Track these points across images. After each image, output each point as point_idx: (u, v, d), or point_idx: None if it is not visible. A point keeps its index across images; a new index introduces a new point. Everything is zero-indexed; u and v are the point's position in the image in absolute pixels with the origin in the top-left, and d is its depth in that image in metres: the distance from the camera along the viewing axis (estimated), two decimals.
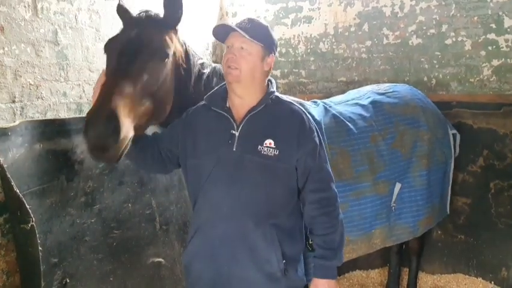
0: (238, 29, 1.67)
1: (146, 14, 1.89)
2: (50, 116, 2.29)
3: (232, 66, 1.68)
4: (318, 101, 2.65)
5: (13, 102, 2.10)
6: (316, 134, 1.77)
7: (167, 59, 1.80)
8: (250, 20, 1.73)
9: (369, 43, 3.64)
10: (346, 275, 3.55)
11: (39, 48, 2.22)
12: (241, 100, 1.75)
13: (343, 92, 3.20)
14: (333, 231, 1.74)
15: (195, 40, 3.60)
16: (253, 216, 1.67)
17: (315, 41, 3.83)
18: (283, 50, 3.95)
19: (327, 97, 2.92)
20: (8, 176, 1.84)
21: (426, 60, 3.46)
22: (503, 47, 3.19)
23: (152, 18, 1.87)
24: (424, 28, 3.44)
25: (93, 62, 2.56)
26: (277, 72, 3.98)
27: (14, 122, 2.01)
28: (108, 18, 2.64)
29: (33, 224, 1.87)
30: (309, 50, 3.87)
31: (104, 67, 1.77)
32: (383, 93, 2.80)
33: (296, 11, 3.87)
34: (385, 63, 3.60)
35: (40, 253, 1.92)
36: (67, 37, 2.39)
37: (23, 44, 2.14)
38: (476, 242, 3.28)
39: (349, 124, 2.51)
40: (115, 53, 1.73)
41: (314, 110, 2.48)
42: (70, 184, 2.17)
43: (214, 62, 2.45)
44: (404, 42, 3.52)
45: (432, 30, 3.41)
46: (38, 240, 1.90)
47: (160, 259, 2.70)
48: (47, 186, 2.06)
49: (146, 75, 1.71)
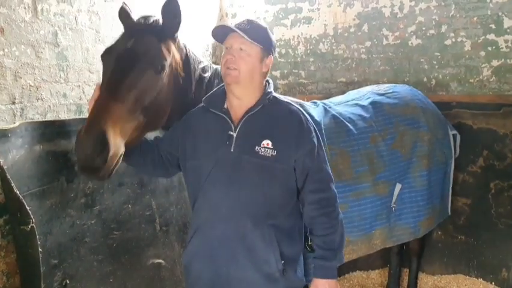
0: (237, 30, 1.67)
1: (145, 21, 1.86)
2: (50, 117, 2.29)
3: (231, 67, 1.68)
4: (318, 102, 2.65)
5: (13, 103, 2.10)
6: (314, 134, 1.76)
7: (164, 72, 1.77)
8: (249, 21, 1.73)
9: (368, 44, 3.64)
10: (346, 275, 3.55)
11: (39, 50, 2.23)
12: (239, 101, 1.75)
13: (343, 92, 3.20)
14: (333, 232, 1.74)
15: (194, 41, 3.60)
16: (252, 216, 1.67)
17: (314, 41, 3.83)
18: (283, 51, 3.95)
19: (327, 98, 2.92)
20: (8, 177, 1.83)
21: (426, 61, 3.46)
22: (502, 48, 3.19)
23: (150, 27, 1.83)
24: (424, 29, 3.44)
25: (93, 64, 2.56)
26: (277, 73, 3.98)
27: (14, 123, 2.01)
28: (108, 20, 2.65)
29: (33, 225, 1.86)
30: (309, 51, 3.87)
31: (99, 81, 1.77)
32: (382, 94, 2.80)
33: (296, 11, 3.87)
34: (385, 63, 3.60)
35: (40, 254, 1.91)
36: (66, 38, 2.39)
37: (23, 46, 2.14)
38: (476, 243, 3.28)
39: (349, 125, 2.51)
40: (110, 67, 1.72)
41: (314, 110, 2.48)
42: (70, 185, 2.17)
43: (214, 63, 2.45)
44: (403, 43, 3.52)
45: (431, 31, 3.42)
46: (38, 242, 1.90)
47: (160, 260, 2.70)
48: (47, 187, 2.06)
49: (139, 91, 1.69)
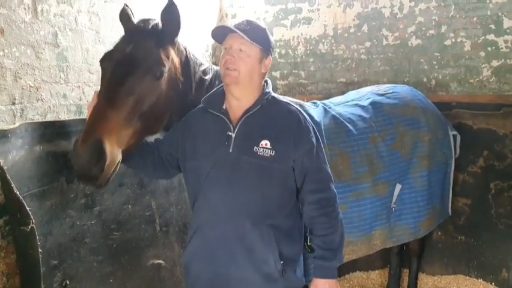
0: (237, 31, 1.67)
1: (145, 25, 1.84)
2: (50, 118, 2.29)
3: (231, 68, 1.68)
4: (318, 102, 2.65)
5: (13, 104, 2.10)
6: (313, 134, 1.76)
7: (162, 78, 1.76)
8: (248, 21, 1.73)
9: (368, 44, 3.64)
10: (346, 276, 3.55)
11: (39, 50, 2.23)
12: (238, 102, 1.75)
13: (343, 93, 3.20)
14: (333, 232, 1.74)
15: (194, 42, 3.60)
16: (250, 216, 1.67)
17: (314, 42, 3.83)
18: (283, 51, 3.96)
19: (327, 98, 2.92)
20: (8, 178, 1.83)
21: (425, 61, 3.46)
22: (502, 48, 3.19)
23: (150, 32, 1.82)
24: (423, 29, 3.44)
25: (93, 64, 2.56)
26: (277, 74, 3.98)
27: (14, 124, 2.01)
28: (108, 21, 2.65)
29: (33, 226, 1.86)
30: (309, 51, 3.87)
31: (97, 88, 1.77)
32: (382, 94, 2.80)
33: (295, 12, 3.87)
34: (384, 64, 3.60)
35: (40, 255, 1.91)
36: (66, 39, 2.39)
37: (23, 46, 2.14)
38: (476, 243, 3.28)
39: (348, 125, 2.51)
40: (108, 73, 1.72)
41: (314, 111, 2.48)
42: (70, 186, 2.17)
43: (214, 64, 2.45)
44: (403, 43, 3.52)
45: (431, 31, 3.42)
46: (38, 242, 1.90)
47: (160, 261, 2.70)
48: (47, 188, 2.06)
49: (136, 98, 1.69)
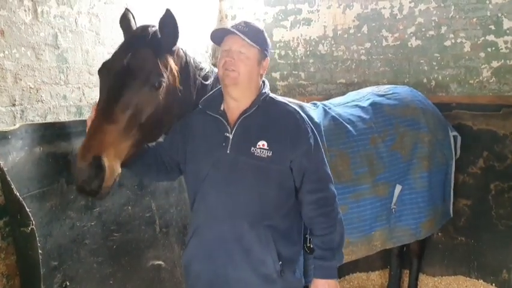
0: (238, 33, 1.67)
1: (144, 33, 1.82)
2: (50, 119, 2.28)
3: (230, 69, 1.68)
4: (318, 103, 2.65)
5: (13, 105, 2.10)
6: (311, 134, 1.76)
7: (160, 88, 1.75)
8: (246, 23, 1.73)
9: (368, 45, 3.64)
10: (346, 277, 3.54)
11: (40, 52, 2.23)
12: (236, 103, 1.75)
13: (342, 93, 3.20)
14: (332, 232, 1.74)
15: (194, 43, 3.61)
16: (248, 217, 1.67)
17: (314, 43, 3.84)
18: (283, 52, 3.96)
19: (327, 99, 2.92)
20: (8, 179, 1.83)
21: (425, 62, 3.46)
22: (502, 49, 3.19)
23: (148, 40, 1.80)
24: (423, 30, 3.44)
25: (93, 65, 2.56)
26: (277, 75, 3.98)
27: (14, 125, 2.01)
28: (108, 22, 2.65)
29: (33, 227, 1.86)
30: (309, 52, 3.87)
31: (96, 101, 1.77)
32: (382, 95, 2.80)
33: (295, 13, 3.88)
34: (384, 65, 3.61)
35: (40, 256, 1.91)
36: (67, 40, 2.39)
37: (23, 48, 2.14)
38: (476, 244, 3.28)
39: (348, 126, 2.51)
40: (106, 84, 1.72)
41: (314, 112, 2.49)
42: (70, 187, 2.17)
43: (214, 65, 2.45)
44: (403, 44, 3.52)
45: (431, 32, 3.42)
46: (38, 243, 1.90)
47: (160, 262, 2.70)
48: (47, 189, 2.06)
49: (134, 110, 1.68)
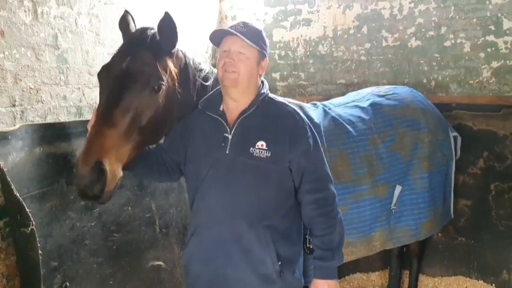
0: (238, 34, 1.67)
1: (143, 35, 1.82)
2: (50, 119, 2.29)
3: (230, 70, 1.68)
4: (318, 103, 2.65)
5: (13, 106, 2.10)
6: (311, 134, 1.76)
7: (160, 91, 1.74)
8: (244, 23, 1.73)
9: (368, 45, 3.64)
10: (347, 277, 3.54)
11: (40, 52, 2.23)
12: (235, 103, 1.76)
13: (342, 94, 3.20)
14: (331, 232, 1.74)
15: (194, 44, 3.61)
16: (247, 218, 1.67)
17: (314, 43, 3.84)
18: (283, 53, 3.96)
19: (327, 99, 2.92)
20: (8, 179, 1.83)
21: (425, 62, 3.46)
22: (502, 49, 3.20)
23: (148, 43, 1.79)
24: (423, 30, 3.45)
25: (93, 66, 2.56)
26: (277, 75, 3.99)
27: (14, 125, 2.01)
28: (108, 22, 2.65)
29: (33, 227, 1.86)
30: (308, 53, 3.87)
31: (96, 104, 1.77)
32: (382, 96, 2.80)
33: (295, 13, 3.88)
34: (384, 65, 3.61)
35: (40, 257, 1.91)
36: (67, 41, 2.40)
37: (23, 48, 2.14)
38: (476, 244, 3.28)
39: (348, 127, 2.51)
40: (105, 88, 1.71)
41: (313, 112, 2.49)
42: (70, 188, 2.17)
43: (214, 66, 2.46)
44: (403, 45, 3.52)
45: (431, 33, 3.42)
46: (38, 244, 1.89)
47: (160, 262, 2.70)
48: (47, 189, 2.06)
49: (134, 114, 1.68)
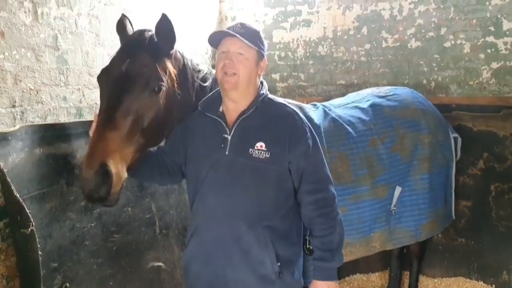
0: (237, 35, 1.67)
1: (141, 38, 1.82)
2: (50, 120, 2.29)
3: (230, 72, 1.68)
4: (318, 104, 2.65)
5: (13, 106, 2.10)
6: (310, 135, 1.76)
7: (160, 93, 1.75)
8: (242, 24, 1.73)
9: (368, 46, 3.65)
10: (346, 278, 3.54)
11: (40, 53, 2.23)
12: (235, 104, 1.76)
13: (342, 95, 3.20)
14: (331, 233, 1.74)
15: (194, 44, 3.61)
16: (246, 218, 1.67)
17: (314, 44, 3.84)
18: (283, 54, 3.96)
19: (327, 100, 2.92)
20: (8, 180, 1.83)
21: (425, 63, 3.46)
22: (502, 50, 3.20)
23: (146, 45, 1.79)
24: (423, 31, 3.45)
25: (93, 67, 2.57)
26: (277, 76, 3.99)
27: (14, 126, 2.01)
28: (108, 23, 2.66)
29: (33, 228, 1.86)
30: (308, 54, 3.87)
31: (97, 109, 1.78)
32: (383, 96, 2.79)
33: (295, 14, 3.88)
34: (384, 66, 3.61)
35: (40, 257, 1.91)
36: (67, 42, 2.40)
37: (23, 49, 2.15)
38: (477, 245, 3.28)
39: (348, 128, 2.51)
40: (106, 91, 1.72)
41: (313, 113, 2.49)
42: (70, 188, 2.17)
43: (213, 67, 2.46)
44: (403, 45, 3.53)
45: (431, 33, 3.42)
46: (38, 245, 1.90)
47: (160, 263, 2.70)
48: (47, 190, 2.06)
49: (136, 116, 1.68)
